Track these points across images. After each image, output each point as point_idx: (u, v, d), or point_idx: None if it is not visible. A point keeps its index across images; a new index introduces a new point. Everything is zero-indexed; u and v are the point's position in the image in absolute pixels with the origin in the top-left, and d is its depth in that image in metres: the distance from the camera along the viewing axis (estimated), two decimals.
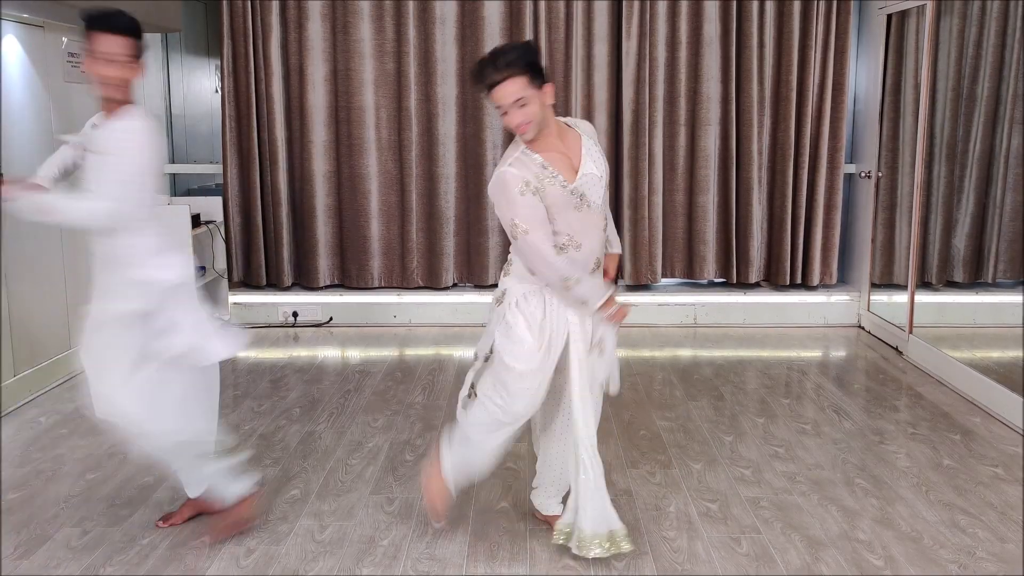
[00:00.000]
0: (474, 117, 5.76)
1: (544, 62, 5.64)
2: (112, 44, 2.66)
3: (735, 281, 5.95)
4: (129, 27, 2.71)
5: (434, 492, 2.93)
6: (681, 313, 5.92)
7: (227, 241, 5.86)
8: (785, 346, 5.43)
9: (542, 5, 5.60)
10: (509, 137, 5.75)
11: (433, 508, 2.95)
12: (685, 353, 5.28)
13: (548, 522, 3.03)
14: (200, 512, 3.11)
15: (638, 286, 5.94)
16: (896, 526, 3.05)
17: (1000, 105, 5.04)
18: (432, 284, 5.98)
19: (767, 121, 5.77)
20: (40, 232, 4.55)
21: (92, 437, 3.89)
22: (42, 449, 3.77)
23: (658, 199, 5.81)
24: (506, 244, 5.91)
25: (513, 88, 2.54)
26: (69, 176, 2.96)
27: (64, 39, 4.73)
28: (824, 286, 5.97)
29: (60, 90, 4.72)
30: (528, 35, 5.62)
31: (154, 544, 2.94)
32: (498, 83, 2.54)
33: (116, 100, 2.73)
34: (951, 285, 5.37)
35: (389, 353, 5.28)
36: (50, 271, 4.64)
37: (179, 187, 6.14)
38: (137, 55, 2.74)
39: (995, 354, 5.07)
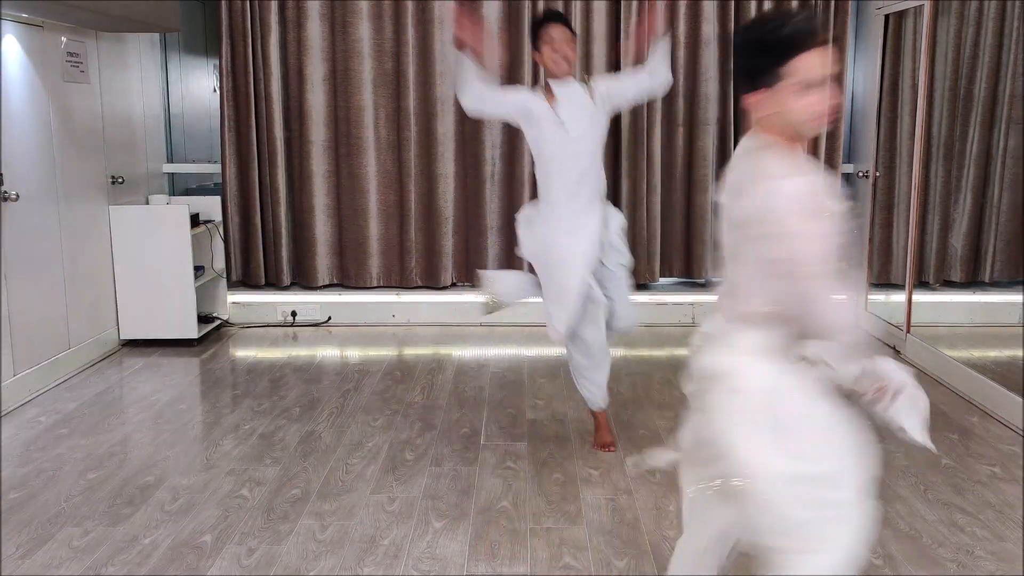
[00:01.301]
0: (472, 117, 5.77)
1: None
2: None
3: None
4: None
5: None
6: (679, 312, 5.93)
7: (226, 241, 5.86)
8: None
9: (540, 5, 5.61)
10: (508, 137, 5.75)
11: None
12: (684, 352, 5.27)
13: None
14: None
15: (636, 286, 5.94)
16: (895, 525, 3.06)
17: (997, 105, 5.06)
18: (431, 284, 5.98)
19: None
20: (39, 231, 4.55)
21: (92, 436, 3.90)
22: (42, 449, 3.77)
23: (656, 199, 5.82)
24: (504, 244, 5.91)
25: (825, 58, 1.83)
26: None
27: (63, 39, 4.73)
28: None
29: (59, 89, 4.72)
30: (527, 35, 5.62)
31: (156, 543, 2.94)
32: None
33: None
34: (948, 284, 5.39)
35: (388, 353, 5.29)
36: (50, 270, 4.64)
37: (178, 186, 6.14)
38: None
39: (992, 353, 5.09)
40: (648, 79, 3.53)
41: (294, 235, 5.98)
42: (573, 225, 3.47)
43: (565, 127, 3.41)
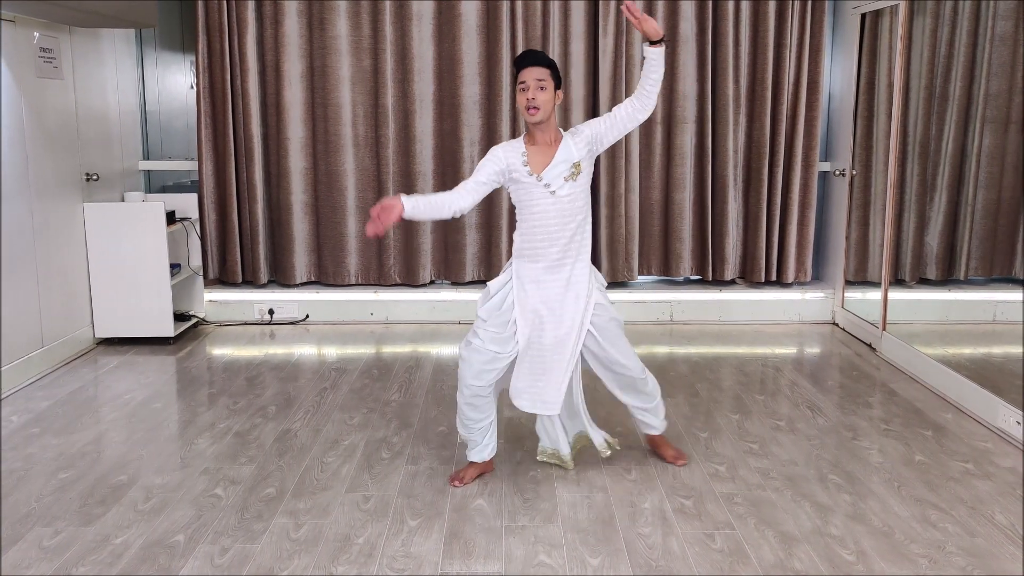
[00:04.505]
0: (451, 114, 5.76)
1: None
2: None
3: (711, 278, 5.99)
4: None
5: None
6: (657, 310, 5.95)
7: (202, 238, 5.82)
8: (760, 343, 5.47)
9: (519, 3, 5.60)
10: (486, 134, 5.76)
11: None
12: (661, 350, 5.30)
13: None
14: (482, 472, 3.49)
15: (615, 283, 5.95)
16: (868, 521, 3.08)
17: (972, 104, 5.10)
18: (409, 281, 5.97)
19: (742, 119, 5.80)
20: (12, 228, 4.51)
21: (65, 435, 3.86)
22: (14, 448, 3.73)
23: (634, 197, 5.83)
24: (483, 241, 5.92)
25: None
26: None
27: (36, 34, 4.68)
28: (799, 283, 6.02)
29: (32, 85, 4.67)
30: (505, 33, 5.62)
31: (128, 543, 2.92)
32: None
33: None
34: (924, 282, 5.42)
35: (366, 350, 5.27)
36: (23, 268, 4.59)
37: (154, 183, 6.09)
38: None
39: (967, 350, 5.13)
40: (636, 107, 3.22)
41: (271, 232, 5.95)
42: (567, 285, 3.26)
43: (551, 188, 3.18)
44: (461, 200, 3.20)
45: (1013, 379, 4.09)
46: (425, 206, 3.13)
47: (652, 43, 3.14)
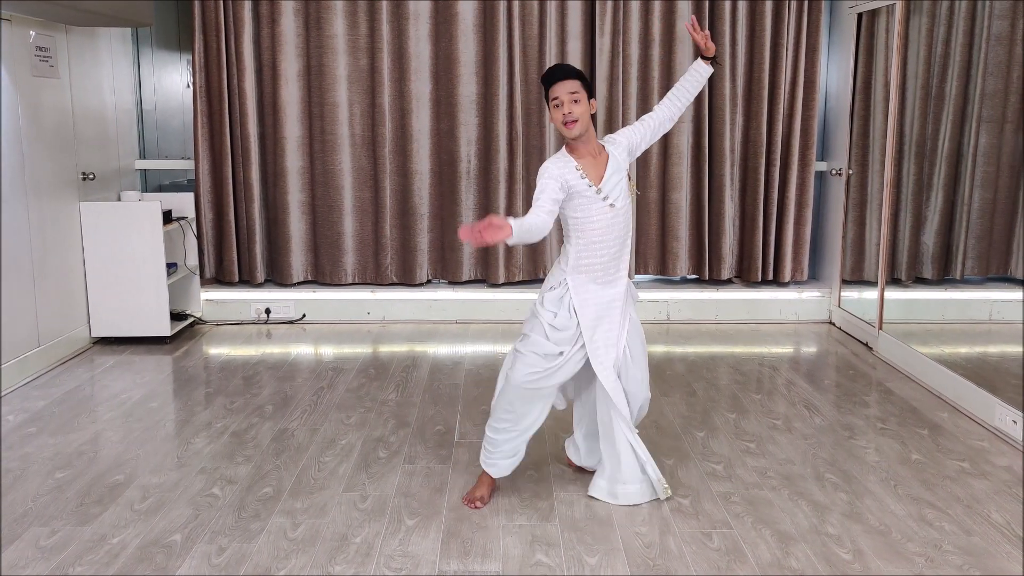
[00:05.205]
0: (448, 113, 5.76)
1: (516, 60, 5.65)
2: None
3: (707, 278, 5.99)
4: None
5: None
6: (654, 310, 5.95)
7: (199, 237, 5.82)
8: (757, 342, 5.47)
9: (516, 3, 5.60)
10: (483, 134, 5.75)
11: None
12: (658, 349, 5.30)
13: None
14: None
15: None
16: (865, 520, 3.08)
17: (968, 104, 5.10)
18: (406, 280, 5.97)
19: (739, 119, 5.81)
20: (8, 228, 4.50)
21: (61, 435, 3.86)
22: (10, 447, 3.73)
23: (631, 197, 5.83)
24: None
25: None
26: None
27: (32, 32, 4.67)
28: (795, 283, 6.03)
29: (28, 84, 4.66)
30: (502, 32, 5.62)
31: (124, 543, 2.91)
32: None
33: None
34: (920, 281, 5.43)
35: (363, 350, 5.27)
36: (19, 267, 4.59)
37: (150, 183, 6.08)
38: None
39: (963, 350, 5.13)
40: (666, 116, 3.24)
41: (268, 232, 5.94)
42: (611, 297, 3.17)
43: (609, 201, 3.09)
44: (548, 225, 2.95)
45: (1009, 378, 4.10)
46: (525, 233, 2.87)
47: (705, 59, 3.21)
